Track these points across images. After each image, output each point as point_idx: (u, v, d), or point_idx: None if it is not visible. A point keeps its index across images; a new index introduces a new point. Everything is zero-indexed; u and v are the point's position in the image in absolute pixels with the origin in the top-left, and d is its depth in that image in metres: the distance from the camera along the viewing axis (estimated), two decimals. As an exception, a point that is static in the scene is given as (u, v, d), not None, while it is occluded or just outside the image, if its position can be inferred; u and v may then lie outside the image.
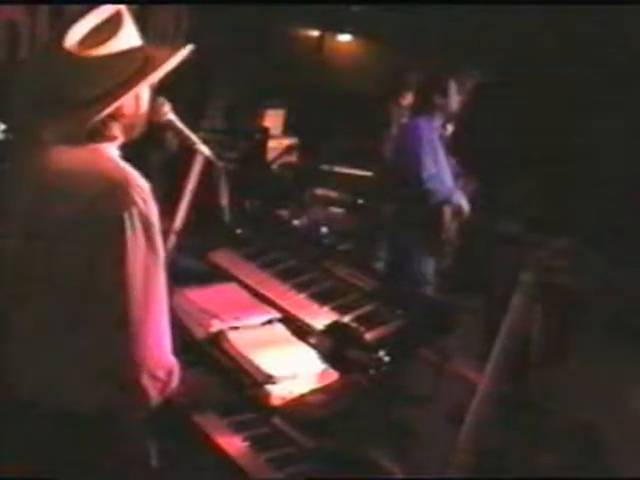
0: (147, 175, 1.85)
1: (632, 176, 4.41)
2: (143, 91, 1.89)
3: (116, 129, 1.85)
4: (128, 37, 1.82)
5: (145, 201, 1.74)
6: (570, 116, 4.93)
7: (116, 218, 1.70)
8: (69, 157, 1.80)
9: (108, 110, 1.77)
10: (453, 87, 4.44)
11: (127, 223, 1.70)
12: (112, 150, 1.85)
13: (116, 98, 1.78)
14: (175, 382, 1.83)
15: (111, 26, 1.80)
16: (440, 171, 4.36)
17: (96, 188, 1.74)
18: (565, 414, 1.91)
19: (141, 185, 1.76)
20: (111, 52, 1.78)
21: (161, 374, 1.77)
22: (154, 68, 1.84)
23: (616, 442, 1.87)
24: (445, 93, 4.41)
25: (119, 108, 1.81)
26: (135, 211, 1.72)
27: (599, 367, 2.01)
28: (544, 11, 4.99)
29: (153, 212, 1.77)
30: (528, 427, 1.89)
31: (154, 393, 1.77)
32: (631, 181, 4.41)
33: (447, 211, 4.43)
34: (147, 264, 1.72)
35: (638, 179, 4.37)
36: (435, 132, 4.45)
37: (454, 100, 4.46)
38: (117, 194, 1.73)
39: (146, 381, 1.74)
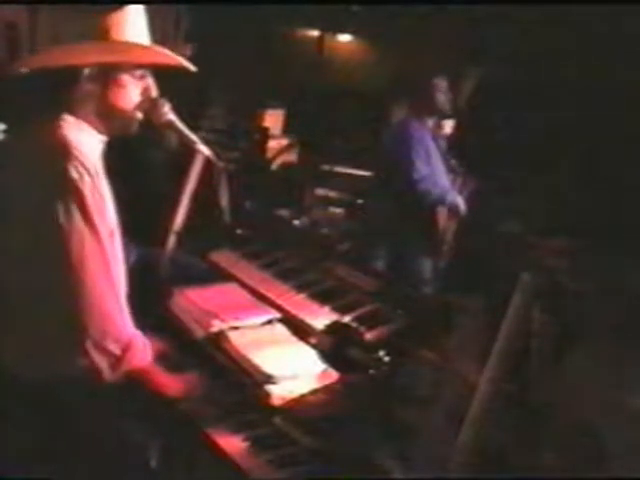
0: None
1: (633, 175, 4.41)
2: (120, 77, 1.90)
3: (84, 108, 1.88)
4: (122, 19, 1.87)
5: (82, 177, 1.77)
6: (571, 114, 4.93)
7: (50, 198, 1.76)
8: (33, 132, 1.87)
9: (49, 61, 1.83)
10: (444, 85, 4.42)
11: (59, 204, 1.75)
12: (79, 128, 1.87)
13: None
14: (135, 360, 1.87)
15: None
16: (433, 172, 4.35)
17: (38, 163, 1.81)
18: (565, 414, 1.91)
19: (81, 159, 1.78)
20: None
21: (111, 347, 1.80)
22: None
23: (616, 442, 1.86)
24: (433, 93, 4.39)
25: (76, 79, 1.85)
26: (69, 190, 1.76)
27: (599, 367, 2.01)
28: (544, 10, 4.99)
29: (92, 188, 1.79)
30: (528, 427, 1.89)
31: (105, 366, 1.80)
32: (632, 180, 4.41)
33: (442, 211, 4.43)
34: (82, 241, 1.77)
35: (638, 178, 4.37)
36: (427, 132, 4.44)
37: (446, 98, 4.44)
38: (53, 170, 1.77)
39: (93, 352, 1.78)
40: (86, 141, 1.86)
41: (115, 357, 1.81)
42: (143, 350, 1.91)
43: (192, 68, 2.00)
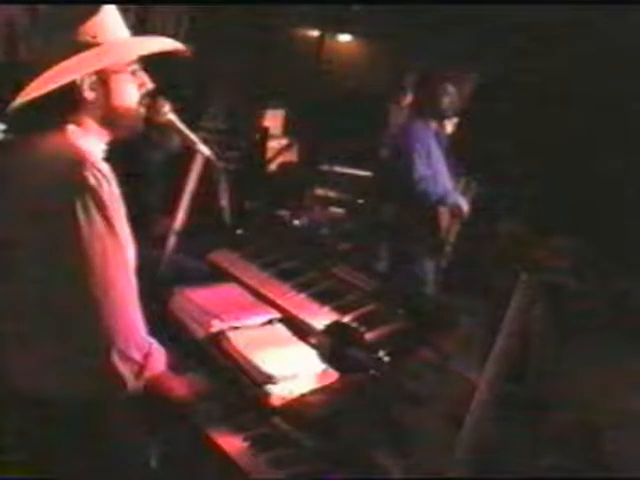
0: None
1: (634, 175, 4.41)
2: (119, 81, 1.88)
3: (84, 117, 1.86)
4: (102, 22, 1.84)
5: (100, 183, 1.74)
6: (571, 114, 4.94)
7: (69, 206, 1.72)
8: (39, 144, 1.83)
9: (51, 85, 1.77)
10: (450, 88, 4.44)
11: (80, 211, 1.72)
12: (82, 136, 1.84)
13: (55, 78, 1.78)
14: (155, 367, 1.84)
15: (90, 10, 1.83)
16: (435, 173, 4.37)
17: (51, 173, 1.77)
18: (565, 414, 1.92)
19: (97, 166, 1.76)
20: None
21: (135, 355, 1.78)
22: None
23: (616, 442, 1.87)
24: (441, 94, 4.41)
25: (77, 92, 1.82)
26: (89, 196, 1.72)
27: (599, 366, 2.01)
28: (544, 10, 5.00)
29: (110, 193, 1.76)
30: (528, 426, 1.90)
31: (129, 375, 1.77)
32: (632, 180, 4.41)
33: (444, 212, 4.44)
34: (105, 247, 1.74)
35: (639, 179, 4.37)
36: (431, 133, 4.45)
37: (451, 101, 4.46)
38: (70, 178, 1.73)
39: (118, 362, 1.75)
40: (94, 149, 1.85)
41: (138, 365, 1.78)
42: (160, 356, 1.89)
43: (187, 52, 1.98)
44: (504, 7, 5.04)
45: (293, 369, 2.21)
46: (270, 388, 2.14)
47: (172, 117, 2.47)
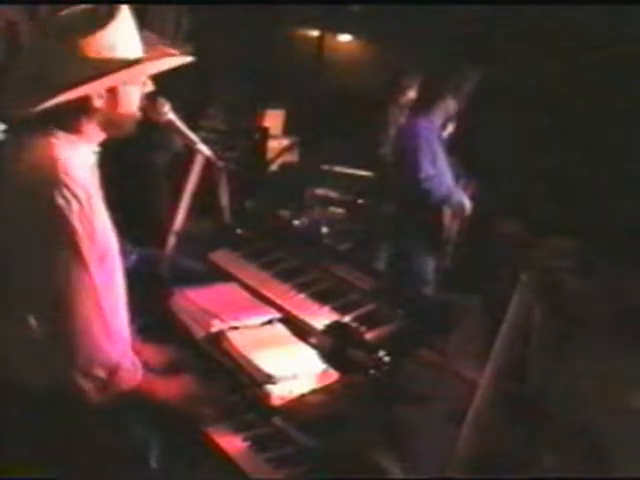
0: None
1: (634, 175, 4.42)
2: (128, 89, 1.87)
3: (85, 123, 1.85)
4: (117, 31, 1.81)
5: (69, 204, 1.72)
6: (572, 114, 4.94)
7: (36, 224, 1.73)
8: (22, 151, 1.82)
9: (64, 98, 1.75)
10: (451, 87, 4.45)
11: (45, 230, 1.72)
12: (72, 143, 1.83)
13: (76, 89, 1.76)
14: (123, 383, 1.85)
15: (102, 16, 1.81)
16: (439, 172, 4.37)
17: (24, 186, 1.76)
18: (565, 414, 1.91)
19: (69, 185, 1.74)
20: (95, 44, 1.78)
21: (99, 372, 1.79)
22: (127, 67, 1.83)
23: (616, 442, 1.86)
24: (451, 92, 4.42)
25: (87, 100, 1.80)
26: (56, 218, 1.72)
27: (600, 367, 2.01)
28: (545, 10, 5.00)
29: (81, 213, 1.75)
30: (528, 427, 1.89)
31: (92, 391, 1.79)
32: (633, 180, 4.41)
33: (447, 211, 4.44)
34: (68, 270, 1.74)
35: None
36: (435, 132, 4.45)
37: (452, 99, 4.47)
38: (39, 196, 1.73)
39: (79, 378, 1.76)
40: (78, 159, 1.82)
41: (101, 381, 1.80)
42: (132, 371, 1.90)
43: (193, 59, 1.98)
44: (504, 7, 5.04)
45: (293, 369, 2.21)
46: (270, 388, 2.14)
47: (172, 117, 2.47)
